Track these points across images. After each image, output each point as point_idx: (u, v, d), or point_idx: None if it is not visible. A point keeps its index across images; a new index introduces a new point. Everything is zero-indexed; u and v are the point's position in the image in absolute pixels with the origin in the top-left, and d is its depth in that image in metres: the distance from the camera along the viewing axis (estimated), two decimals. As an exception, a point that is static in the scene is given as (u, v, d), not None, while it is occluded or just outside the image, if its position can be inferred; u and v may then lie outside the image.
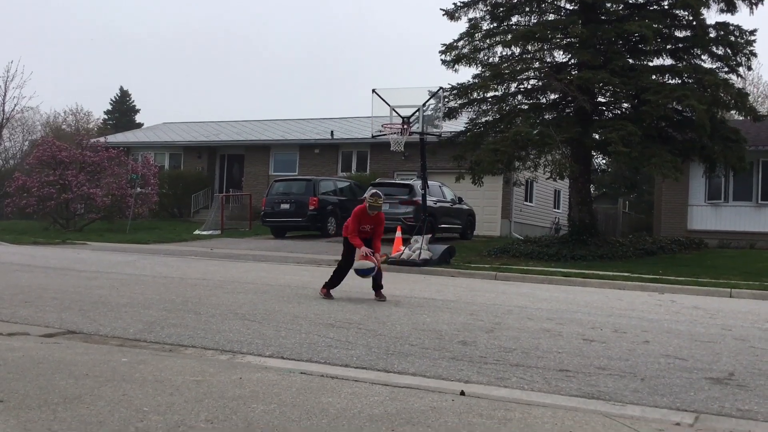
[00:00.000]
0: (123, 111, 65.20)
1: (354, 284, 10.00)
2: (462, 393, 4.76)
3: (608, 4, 20.20)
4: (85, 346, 5.95)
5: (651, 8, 20.32)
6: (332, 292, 10.05)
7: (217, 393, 4.45)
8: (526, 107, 21.02)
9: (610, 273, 15.95)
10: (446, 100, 20.28)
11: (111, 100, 65.43)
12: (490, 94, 20.81)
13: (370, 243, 10.03)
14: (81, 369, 4.95)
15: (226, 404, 4.20)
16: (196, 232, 26.39)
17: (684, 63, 20.19)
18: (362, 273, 9.91)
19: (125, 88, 65.98)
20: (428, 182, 18.96)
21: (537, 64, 20.73)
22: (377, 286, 10.03)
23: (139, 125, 58.52)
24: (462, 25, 35.07)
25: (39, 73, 76.47)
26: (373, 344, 6.55)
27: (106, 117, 63.77)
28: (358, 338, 6.83)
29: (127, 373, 4.90)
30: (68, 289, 9.86)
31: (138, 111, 66.94)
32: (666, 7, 20.30)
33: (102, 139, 33.06)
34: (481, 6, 20.93)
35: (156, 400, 4.22)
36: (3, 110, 36.14)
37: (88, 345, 6.06)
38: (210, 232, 26.24)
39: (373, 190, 10.21)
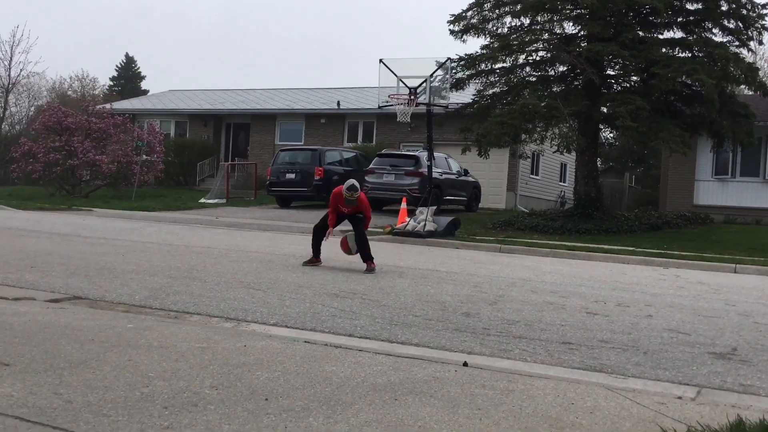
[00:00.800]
0: (128, 77, 64.96)
1: (357, 256, 10.01)
2: (465, 364, 4.79)
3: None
4: (90, 312, 5.98)
5: (663, -21, 20.06)
6: (322, 257, 10.27)
7: (221, 360, 4.48)
8: (534, 79, 20.87)
9: (615, 247, 15.95)
10: (454, 71, 20.14)
11: (116, 66, 65.19)
12: (498, 65, 20.65)
13: (353, 216, 10.23)
14: (87, 334, 4.98)
15: (231, 371, 4.23)
16: (202, 200, 26.42)
17: (694, 36, 19.97)
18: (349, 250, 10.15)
19: (131, 55, 65.68)
20: (434, 154, 18.90)
21: (546, 36, 20.55)
22: (364, 258, 10.00)
23: (145, 92, 58.29)
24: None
25: (44, 38, 76.00)
26: (377, 314, 6.58)
27: (111, 83, 63.55)
28: (362, 308, 6.86)
29: (132, 338, 4.93)
30: (74, 255, 9.90)
31: (143, 78, 66.70)
32: (678, -22, 20.06)
33: (108, 106, 32.96)
34: (491, -25, 20.70)
35: (161, 366, 4.25)
36: (9, 75, 36.07)
37: (94, 311, 6.09)
38: (215, 201, 26.27)
39: (351, 183, 9.95)
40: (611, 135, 34.43)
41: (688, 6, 20.25)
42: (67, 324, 5.31)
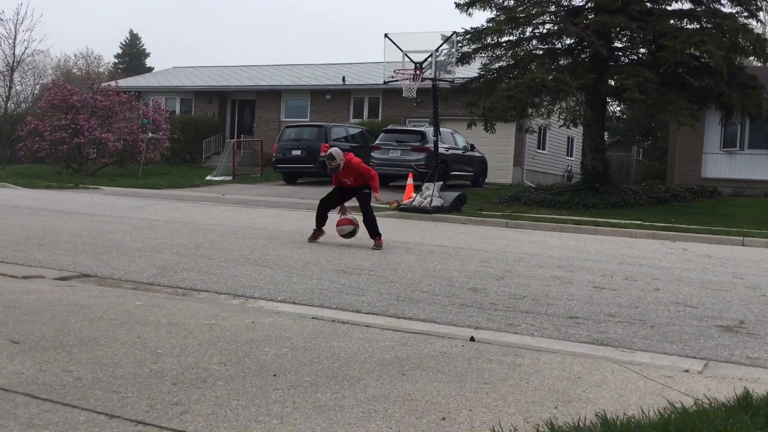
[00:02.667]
0: (133, 54, 64.75)
1: (364, 230, 10.01)
2: (472, 339, 4.80)
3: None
4: (99, 290, 6.01)
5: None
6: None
7: (230, 336, 4.50)
8: (540, 53, 20.68)
9: (622, 221, 15.91)
10: (460, 45, 19.98)
11: (121, 43, 64.97)
12: (505, 38, 20.45)
13: (359, 191, 10.09)
14: (96, 312, 5.01)
15: (239, 347, 4.25)
16: (208, 177, 26.44)
17: (703, 7, 19.70)
18: (345, 236, 10.02)
19: (135, 31, 65.39)
20: (440, 129, 18.81)
21: (553, 8, 20.33)
22: (372, 234, 9.96)
23: (150, 69, 58.14)
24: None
25: (49, 15, 75.61)
26: (384, 290, 6.59)
27: (116, 61, 63.36)
28: (369, 284, 6.87)
29: (141, 316, 4.96)
30: (82, 233, 9.93)
31: (148, 55, 66.47)
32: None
33: (113, 84, 32.87)
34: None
35: (170, 343, 4.27)
36: (14, 53, 35.90)
37: (103, 288, 6.12)
38: (221, 178, 26.29)
39: (328, 152, 9.81)
40: (618, 108, 34.16)
41: (697, -24, 20.01)
42: (75, 301, 5.34)
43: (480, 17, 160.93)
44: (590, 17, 19.24)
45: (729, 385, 3.93)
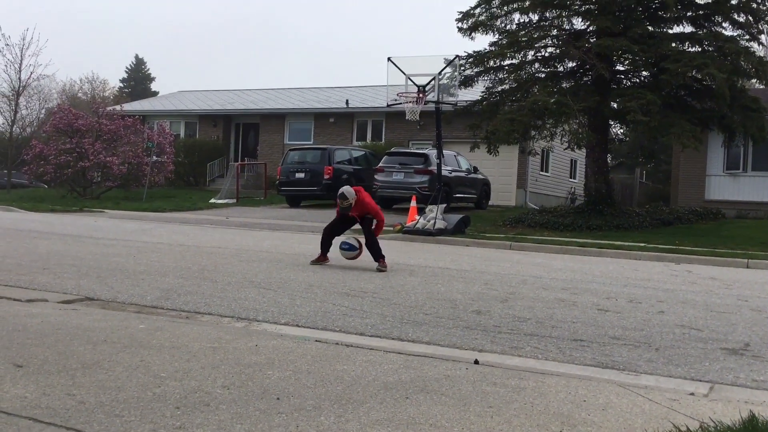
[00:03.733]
0: (138, 79, 65.22)
1: (367, 253, 10.01)
2: (476, 362, 4.78)
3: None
4: (103, 313, 6.01)
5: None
6: (330, 256, 10.17)
7: (233, 360, 4.49)
8: (543, 76, 20.79)
9: (626, 243, 15.88)
10: (462, 68, 20.11)
11: (126, 68, 65.48)
12: (507, 62, 20.58)
13: (362, 219, 10.07)
14: (99, 335, 5.01)
15: (243, 371, 4.24)
16: (212, 200, 26.50)
17: (704, 30, 19.84)
18: (348, 258, 10.05)
19: (140, 56, 65.91)
20: (443, 151, 18.87)
21: (555, 32, 20.47)
22: (375, 256, 9.96)
23: (155, 93, 58.52)
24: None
25: (54, 40, 76.31)
26: (388, 313, 6.58)
27: (121, 85, 63.80)
28: (372, 307, 6.86)
29: (144, 339, 4.95)
30: (86, 256, 9.95)
31: (153, 79, 66.95)
32: (687, -28, 19.92)
33: (118, 108, 33.11)
34: (498, -28, 20.62)
35: (173, 366, 4.26)
36: (19, 78, 36.15)
37: (106, 311, 6.12)
38: (225, 201, 26.35)
39: (340, 192, 9.91)
40: (621, 131, 34.22)
41: (698, 0, 20.13)
42: (79, 325, 5.34)
43: (482, 41, 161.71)
44: (592, 40, 19.37)
45: (734, 408, 3.91)
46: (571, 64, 20.72)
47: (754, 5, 19.40)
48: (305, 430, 3.28)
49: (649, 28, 19.65)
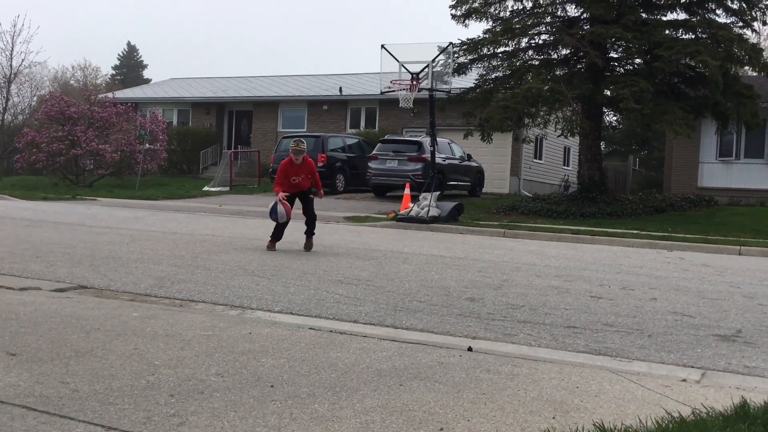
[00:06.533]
0: (130, 66, 64.88)
1: (361, 240, 10.02)
2: (469, 349, 4.80)
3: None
4: (96, 301, 6.00)
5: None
6: (278, 244, 10.40)
7: (227, 347, 4.50)
8: (537, 63, 20.76)
9: (619, 230, 15.93)
10: (456, 55, 20.06)
11: (118, 55, 65.12)
12: (501, 49, 20.53)
13: (305, 195, 10.47)
14: (92, 323, 5.00)
15: (236, 358, 4.24)
16: (205, 188, 26.45)
17: (698, 17, 19.82)
18: (273, 216, 10.34)
19: (132, 43, 65.53)
20: (437, 139, 18.84)
21: (548, 19, 20.43)
22: (308, 232, 10.41)
23: (147, 81, 58.24)
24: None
25: (45, 27, 75.79)
26: (382, 300, 6.59)
27: (113, 72, 63.46)
28: (366, 294, 6.87)
29: (138, 327, 4.95)
30: (79, 244, 9.92)
31: (146, 66, 66.60)
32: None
33: (110, 95, 32.93)
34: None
35: (167, 354, 4.27)
36: (11, 65, 35.97)
37: (100, 300, 6.11)
38: (219, 189, 26.29)
39: (296, 138, 10.32)
40: (615, 118, 34.28)
41: (692, -13, 20.12)
42: (72, 313, 5.33)
43: (476, 28, 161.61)
44: (586, 28, 19.34)
45: (726, 394, 3.93)
46: (564, 52, 20.69)
47: (748, -8, 19.39)
48: (299, 417, 3.29)
49: (643, 15, 19.63)
